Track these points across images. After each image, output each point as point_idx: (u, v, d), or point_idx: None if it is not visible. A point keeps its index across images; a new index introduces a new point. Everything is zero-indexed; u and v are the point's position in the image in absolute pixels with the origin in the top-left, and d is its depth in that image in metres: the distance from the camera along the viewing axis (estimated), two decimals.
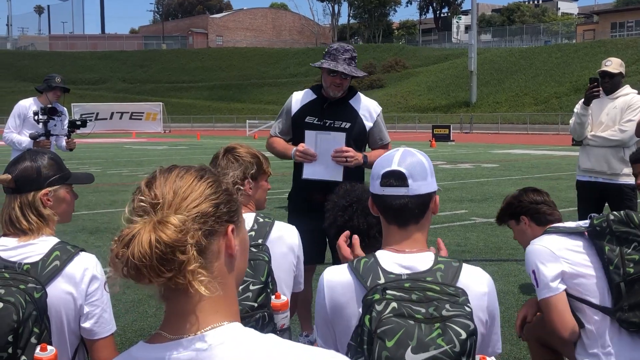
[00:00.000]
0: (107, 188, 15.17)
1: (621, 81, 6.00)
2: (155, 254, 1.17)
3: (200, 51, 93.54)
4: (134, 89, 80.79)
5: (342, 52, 4.28)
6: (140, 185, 1.31)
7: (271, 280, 2.52)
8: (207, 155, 27.23)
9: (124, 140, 41.64)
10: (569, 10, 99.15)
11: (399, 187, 1.99)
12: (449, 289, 1.89)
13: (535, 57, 64.20)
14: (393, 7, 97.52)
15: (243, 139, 43.83)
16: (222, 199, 1.30)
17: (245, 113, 67.46)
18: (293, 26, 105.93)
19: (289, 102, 4.53)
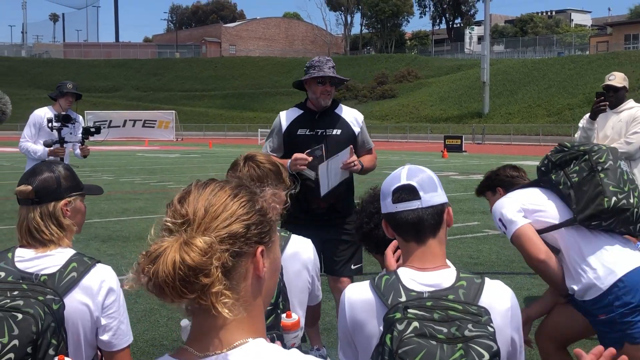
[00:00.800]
0: (119, 196, 15.22)
1: (625, 95, 6.04)
2: (179, 275, 1.16)
3: (213, 60, 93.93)
4: (147, 97, 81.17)
5: (325, 63, 4.51)
6: (173, 199, 1.30)
7: (282, 299, 2.50)
8: (219, 164, 27.36)
9: (137, 148, 41.83)
10: (582, 22, 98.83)
11: (411, 201, 1.99)
12: (471, 308, 1.87)
13: (548, 68, 64.03)
14: (406, 18, 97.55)
15: (255, 147, 43.92)
16: (254, 220, 1.28)
17: (257, 122, 67.57)
18: (306, 36, 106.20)
19: (278, 121, 4.65)
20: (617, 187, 3.19)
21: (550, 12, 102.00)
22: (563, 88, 57.94)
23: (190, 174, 21.66)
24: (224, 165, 26.02)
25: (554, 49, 78.41)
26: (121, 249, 8.91)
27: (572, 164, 3.33)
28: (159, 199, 14.61)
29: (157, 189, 17.10)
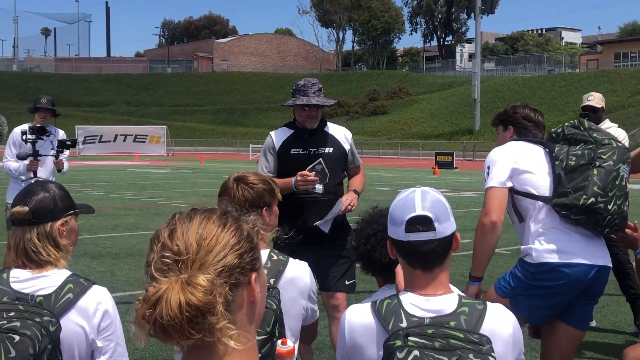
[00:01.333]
0: (109, 212, 15.14)
1: (602, 115, 6.18)
2: (186, 317, 1.13)
3: (205, 75, 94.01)
4: (138, 112, 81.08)
5: (310, 87, 4.53)
6: (160, 236, 1.26)
7: (279, 327, 2.46)
8: (210, 180, 27.29)
9: (127, 163, 41.71)
10: (572, 40, 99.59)
11: (426, 232, 1.94)
12: (473, 336, 1.83)
13: (539, 86, 64.43)
14: (397, 35, 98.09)
15: (246, 163, 43.88)
16: (246, 248, 1.27)
17: (248, 137, 67.56)
18: (298, 52, 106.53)
19: (270, 141, 4.67)
20: (601, 189, 3.27)
21: (540, 30, 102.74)
22: (553, 105, 58.25)
23: (181, 190, 21.59)
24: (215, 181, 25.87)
25: (545, 67, 78.92)
26: (111, 265, 8.83)
27: (579, 145, 3.42)
28: (150, 215, 14.54)
29: (147, 204, 17.02)
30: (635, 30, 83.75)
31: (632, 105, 53.56)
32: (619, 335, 5.96)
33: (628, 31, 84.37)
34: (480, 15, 56.77)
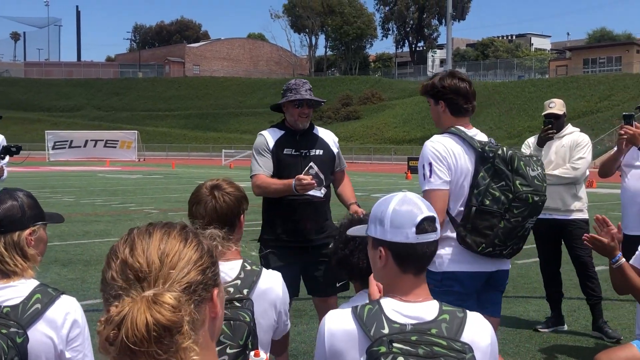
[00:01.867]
0: (80, 218, 14.96)
1: (564, 120, 6.23)
2: (153, 337, 1.08)
3: (176, 80, 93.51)
4: (109, 117, 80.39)
5: (302, 85, 4.54)
6: (118, 252, 1.20)
7: (252, 338, 2.43)
8: (182, 185, 27.10)
9: (98, 169, 41.30)
10: (542, 46, 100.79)
11: (431, 233, 1.97)
12: (455, 344, 1.84)
13: (509, 91, 65.11)
14: (369, 40, 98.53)
15: (218, 168, 43.67)
16: (208, 263, 1.23)
17: (221, 142, 67.35)
18: (270, 57, 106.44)
19: (264, 141, 4.57)
20: (501, 241, 3.41)
21: (510, 36, 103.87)
22: (523, 111, 58.93)
23: (153, 195, 21.42)
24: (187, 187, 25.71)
25: (515, 73, 79.76)
26: (82, 273, 8.72)
27: (500, 184, 3.38)
28: (121, 221, 14.39)
29: (118, 210, 16.85)
30: (603, 36, 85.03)
31: (601, 110, 54.39)
32: (590, 338, 6.02)
33: (596, 37, 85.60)
34: (451, 22, 57.15)
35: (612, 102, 55.32)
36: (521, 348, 5.74)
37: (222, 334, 2.34)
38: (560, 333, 6.20)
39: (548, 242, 6.28)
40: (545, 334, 6.17)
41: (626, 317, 6.72)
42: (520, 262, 9.72)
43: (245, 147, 61.02)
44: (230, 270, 2.60)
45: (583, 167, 6.00)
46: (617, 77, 61.63)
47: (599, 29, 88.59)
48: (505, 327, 6.29)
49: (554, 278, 6.37)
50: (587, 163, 6.05)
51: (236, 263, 2.64)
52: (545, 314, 6.71)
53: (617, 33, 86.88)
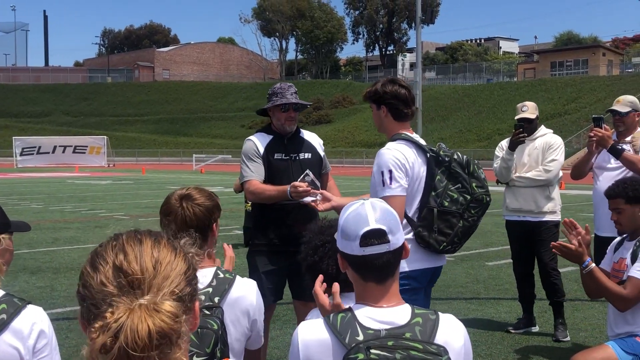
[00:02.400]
0: (49, 225, 14.77)
1: (537, 123, 6.28)
2: (155, 345, 1.06)
3: (146, 84, 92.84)
4: (77, 122, 79.52)
5: (287, 89, 4.56)
6: (107, 257, 1.18)
7: (220, 347, 2.39)
8: (153, 191, 26.84)
9: (67, 175, 40.80)
10: (510, 50, 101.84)
11: (380, 245, 1.93)
12: (431, 347, 1.85)
13: (478, 94, 65.71)
14: (340, 44, 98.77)
15: (189, 173, 43.42)
16: (192, 273, 1.22)
17: (191, 147, 66.99)
18: (241, 61, 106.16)
19: (253, 146, 4.52)
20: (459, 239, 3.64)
21: (479, 40, 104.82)
22: (492, 113, 59.50)
23: (122, 201, 21.22)
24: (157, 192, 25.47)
25: (483, 76, 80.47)
26: (51, 281, 8.59)
27: (457, 185, 3.62)
28: (91, 228, 14.24)
29: (88, 217, 16.66)
30: (570, 39, 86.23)
31: (569, 112, 55.12)
32: (562, 340, 6.07)
33: (563, 41, 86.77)
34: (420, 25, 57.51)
35: (580, 105, 56.10)
36: (493, 349, 5.78)
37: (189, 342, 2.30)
38: (531, 334, 6.26)
39: (521, 243, 6.34)
40: (517, 335, 6.22)
41: (596, 317, 6.80)
42: (491, 263, 9.80)
43: (216, 152, 60.79)
44: (203, 278, 2.56)
45: (555, 169, 6.06)
46: (584, 79, 62.54)
47: (566, 32, 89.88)
48: (477, 329, 6.33)
49: (527, 279, 6.42)
50: (559, 165, 6.11)
51: (209, 270, 2.62)
52: (516, 315, 6.77)
53: (584, 36, 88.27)
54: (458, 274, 9.06)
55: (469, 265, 9.73)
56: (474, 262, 9.94)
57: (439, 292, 8.05)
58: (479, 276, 8.97)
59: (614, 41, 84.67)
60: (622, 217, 4.01)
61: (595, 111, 52.78)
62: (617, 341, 3.91)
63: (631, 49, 76.53)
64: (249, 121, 74.98)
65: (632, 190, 3.97)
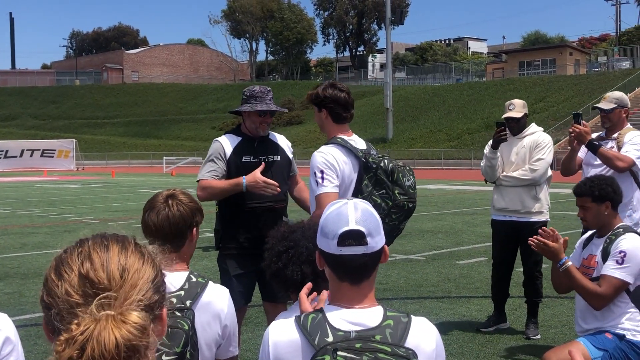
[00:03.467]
0: (17, 230, 14.55)
1: (526, 121, 6.23)
2: (123, 358, 1.04)
3: (115, 87, 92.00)
4: (45, 126, 78.52)
5: (266, 94, 4.57)
6: (72, 264, 1.14)
7: (190, 349, 2.38)
8: (123, 194, 26.61)
9: (35, 179, 40.25)
10: (479, 50, 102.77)
11: (357, 246, 1.92)
12: (399, 350, 1.84)
13: (448, 94, 66.16)
14: (310, 45, 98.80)
15: (159, 175, 43.10)
16: (160, 280, 1.20)
17: (162, 149, 66.52)
18: (211, 62, 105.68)
19: (219, 147, 4.52)
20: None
21: (448, 40, 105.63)
22: (462, 113, 59.93)
23: (92, 205, 20.99)
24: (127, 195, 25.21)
25: (453, 76, 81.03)
26: (19, 286, 8.47)
27: (381, 192, 3.87)
28: (60, 233, 14.05)
29: (57, 221, 16.45)
30: (537, 39, 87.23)
31: (537, 111, 55.69)
32: (532, 337, 6.13)
33: (531, 40, 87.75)
34: (390, 26, 57.84)
35: (547, 104, 56.75)
36: (465, 348, 5.81)
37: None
38: (503, 333, 6.31)
39: (506, 243, 6.31)
40: (489, 333, 6.26)
41: (565, 314, 6.88)
42: (462, 262, 9.87)
43: (187, 154, 60.46)
44: (176, 281, 2.58)
45: (542, 169, 6.01)
46: (551, 78, 63.27)
47: (533, 32, 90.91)
48: (449, 328, 6.37)
49: (504, 279, 6.41)
50: (546, 164, 6.06)
51: (182, 274, 2.62)
52: (487, 313, 6.82)
53: (551, 36, 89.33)
54: (429, 273, 9.11)
55: (440, 264, 9.77)
56: (445, 261, 9.99)
57: (411, 291, 8.09)
58: (450, 275, 9.02)
59: (581, 41, 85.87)
60: (587, 214, 4.09)
61: (562, 110, 53.49)
62: (588, 337, 3.96)
63: (597, 48, 77.68)
64: (219, 123, 74.64)
65: (598, 189, 4.04)
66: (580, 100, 53.39)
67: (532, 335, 6.06)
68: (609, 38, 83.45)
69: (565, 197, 20.08)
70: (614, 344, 3.87)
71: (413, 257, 10.32)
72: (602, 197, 4.03)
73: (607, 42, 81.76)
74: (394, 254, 10.61)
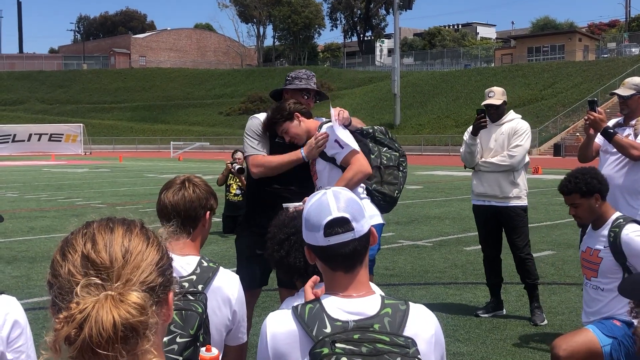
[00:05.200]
0: (24, 214, 14.61)
1: (505, 108, 6.31)
2: (120, 337, 1.05)
3: (122, 71, 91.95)
4: (53, 110, 78.62)
5: (310, 77, 4.52)
6: (76, 245, 1.16)
7: (203, 332, 2.39)
8: (130, 179, 26.71)
9: (43, 163, 40.38)
10: (487, 35, 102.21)
11: (345, 233, 1.90)
12: (398, 339, 1.83)
13: (456, 80, 65.87)
14: (317, 30, 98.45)
15: (167, 160, 43.17)
16: (166, 263, 1.20)
17: (169, 134, 66.57)
18: (218, 47, 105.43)
19: (259, 122, 4.44)
20: (402, 187, 4.44)
21: (456, 26, 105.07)
22: (470, 99, 59.67)
23: (99, 189, 21.05)
24: (135, 180, 25.30)
25: (461, 62, 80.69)
26: (27, 270, 8.51)
27: (385, 148, 4.43)
28: (67, 217, 14.10)
29: (64, 205, 16.50)
30: (546, 25, 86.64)
31: (545, 98, 55.47)
32: (539, 323, 6.12)
33: (540, 26, 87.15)
34: (398, 11, 57.58)
35: (556, 90, 56.46)
36: (471, 334, 5.81)
37: (173, 323, 2.32)
38: (510, 318, 6.31)
39: (487, 228, 6.43)
40: (495, 319, 6.26)
41: (573, 300, 6.86)
42: (469, 248, 9.86)
43: (194, 139, 60.48)
44: (187, 265, 2.60)
45: (520, 155, 6.10)
46: (560, 65, 62.91)
47: (543, 17, 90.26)
48: (455, 314, 6.37)
49: (493, 263, 6.50)
50: (524, 150, 6.15)
51: (193, 259, 2.63)
52: None
53: (560, 22, 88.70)
54: (436, 259, 9.10)
55: (447, 250, 9.77)
56: (452, 247, 9.99)
57: (418, 277, 8.09)
58: (457, 261, 9.01)
59: (590, 26, 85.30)
60: (579, 210, 4.05)
61: (571, 96, 53.23)
62: (597, 324, 3.94)
63: (607, 34, 77.15)
64: (226, 108, 74.58)
65: (584, 184, 4.00)
66: (589, 87, 53.07)
67: (539, 322, 6.06)
68: (618, 24, 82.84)
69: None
70: (622, 331, 3.85)
71: (420, 243, 10.31)
72: (590, 190, 4.00)
73: (616, 28, 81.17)
74: (400, 240, 10.61)
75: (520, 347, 5.50)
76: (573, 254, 9.18)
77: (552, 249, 9.87)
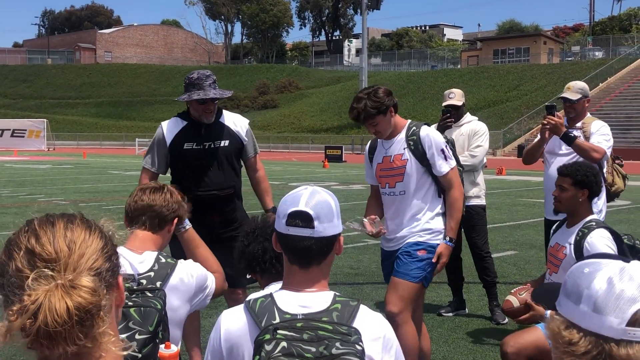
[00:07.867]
0: None
1: (464, 110, 6.43)
2: (75, 321, 1.09)
3: (87, 67, 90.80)
4: (16, 105, 77.34)
5: (205, 79, 4.34)
6: (20, 243, 1.18)
7: (162, 329, 2.39)
8: (94, 175, 26.30)
9: (5, 159, 39.68)
10: (454, 37, 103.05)
11: (304, 228, 1.96)
12: (341, 328, 1.88)
13: (423, 81, 66.32)
14: (286, 29, 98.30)
15: (132, 157, 42.74)
16: (111, 249, 1.24)
17: (134, 131, 65.91)
18: (185, 44, 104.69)
19: (160, 133, 4.47)
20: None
21: (424, 27, 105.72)
22: (437, 100, 60.07)
23: (62, 186, 20.76)
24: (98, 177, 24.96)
25: (428, 63, 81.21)
26: None
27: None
28: (29, 213, 13.81)
29: (27, 202, 16.25)
30: (512, 27, 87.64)
31: (510, 100, 56.12)
32: (501, 322, 6.20)
33: (506, 29, 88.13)
34: (366, 11, 57.71)
35: (521, 92, 57.15)
36: (434, 333, 5.86)
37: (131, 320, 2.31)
38: (472, 317, 6.37)
39: None
40: (457, 318, 6.32)
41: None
42: None
43: None
44: (145, 262, 2.60)
45: (481, 155, 6.21)
46: (525, 67, 63.70)
47: (508, 20, 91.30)
48: None
49: (454, 262, 6.53)
50: (484, 151, 6.25)
51: (150, 254, 2.63)
52: None
53: (526, 25, 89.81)
54: None
55: None
56: None
57: (382, 276, 8.11)
58: None
59: (555, 30, 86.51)
60: (563, 195, 4.11)
61: (535, 99, 53.90)
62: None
63: (571, 38, 78.34)
64: None
65: (582, 175, 4.07)
66: (553, 89, 53.79)
67: (501, 320, 6.14)
68: (582, 28, 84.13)
69: (535, 185, 20.26)
70: None
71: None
72: (583, 183, 4.06)
73: (580, 32, 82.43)
74: (365, 239, 10.64)
75: (482, 346, 5.57)
76: (535, 254, 9.31)
77: (515, 249, 9.99)
